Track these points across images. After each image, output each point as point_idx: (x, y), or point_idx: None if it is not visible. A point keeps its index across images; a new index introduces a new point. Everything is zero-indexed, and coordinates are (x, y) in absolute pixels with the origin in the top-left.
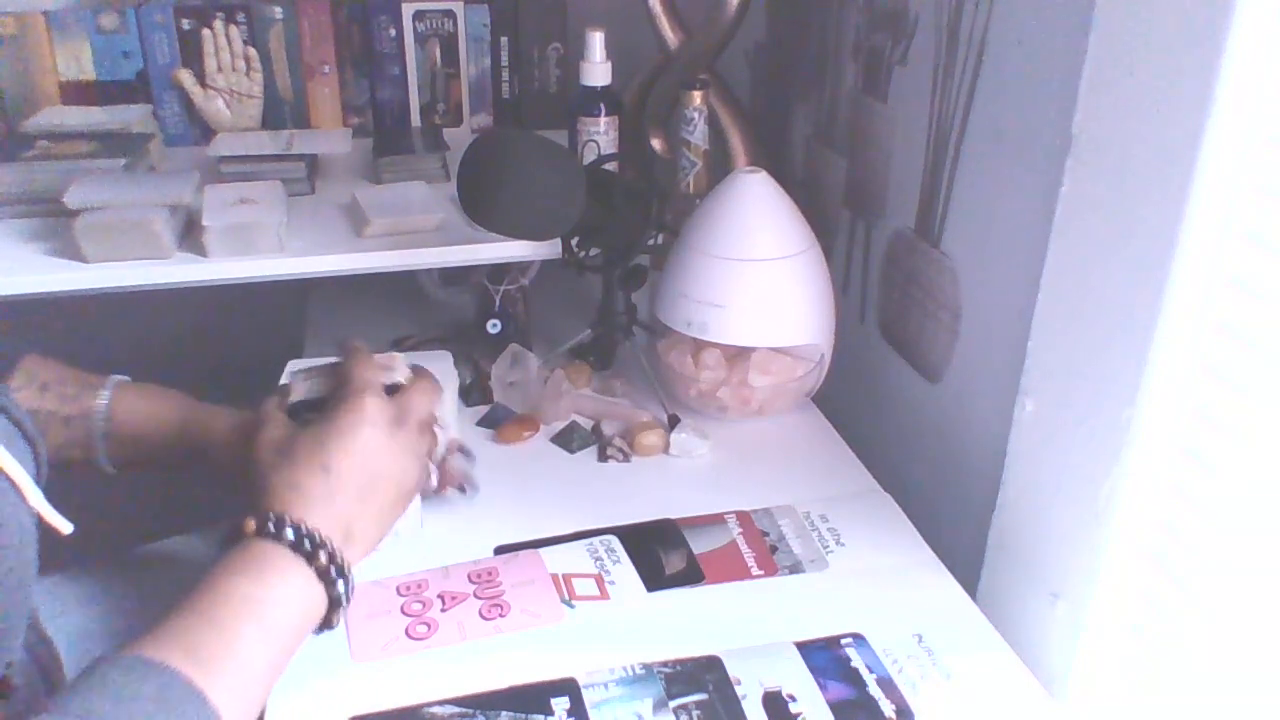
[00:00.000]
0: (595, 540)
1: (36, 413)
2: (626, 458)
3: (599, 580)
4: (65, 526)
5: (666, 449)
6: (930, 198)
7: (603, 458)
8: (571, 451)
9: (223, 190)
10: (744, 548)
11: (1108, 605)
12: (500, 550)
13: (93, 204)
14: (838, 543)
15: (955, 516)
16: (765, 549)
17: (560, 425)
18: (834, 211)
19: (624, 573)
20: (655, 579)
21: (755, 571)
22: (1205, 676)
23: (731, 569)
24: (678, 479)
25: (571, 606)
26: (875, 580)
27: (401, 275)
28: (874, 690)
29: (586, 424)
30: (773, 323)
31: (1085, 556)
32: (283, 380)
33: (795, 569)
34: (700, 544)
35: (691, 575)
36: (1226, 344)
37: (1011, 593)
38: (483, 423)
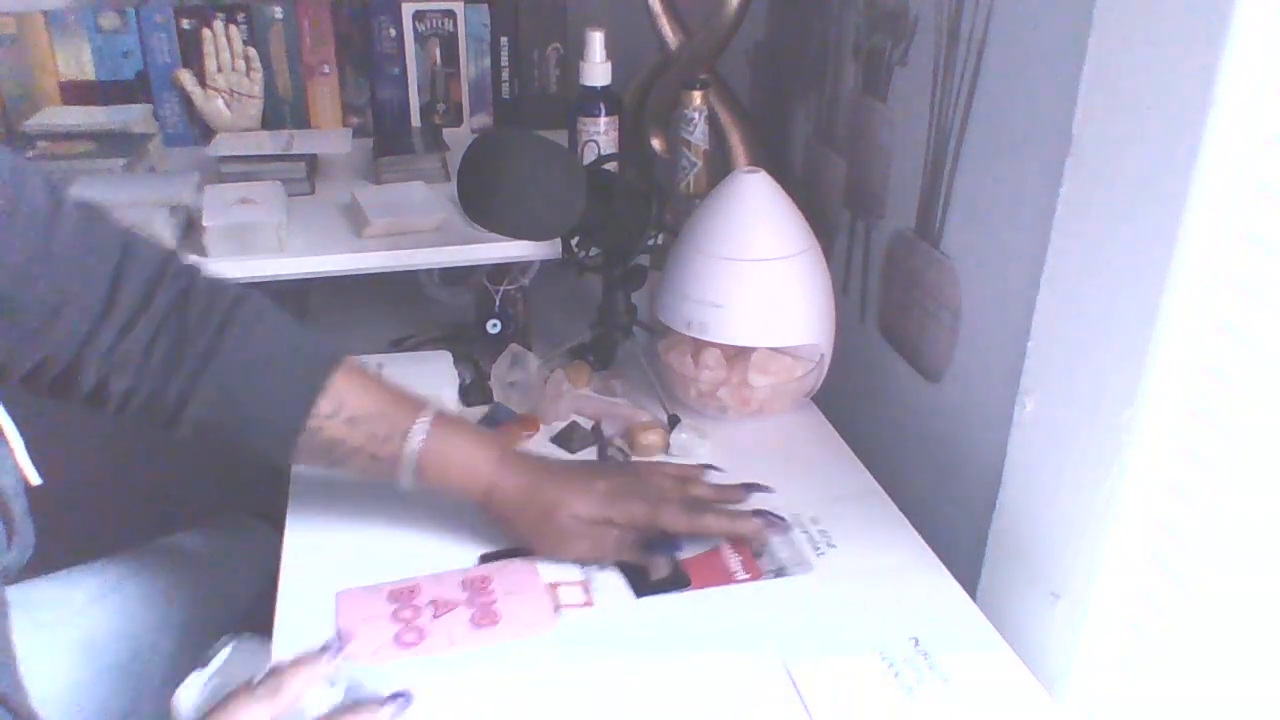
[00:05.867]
0: None
1: (340, 443)
2: (626, 458)
3: (584, 587)
4: (34, 478)
5: (666, 449)
6: (930, 198)
7: (602, 458)
8: (571, 451)
9: (223, 190)
10: (729, 552)
11: (1108, 605)
12: (486, 558)
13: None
14: (829, 544)
15: (955, 516)
16: (750, 553)
17: (560, 425)
18: (834, 211)
19: (610, 579)
20: (642, 585)
21: (740, 576)
22: (1205, 676)
23: (717, 573)
24: None
25: (557, 615)
26: (874, 581)
27: (401, 275)
28: None
29: (586, 424)
30: (773, 323)
31: (1085, 556)
32: None
33: (781, 572)
34: (685, 548)
35: (678, 580)
36: (1226, 344)
37: (1011, 593)
38: (483, 423)
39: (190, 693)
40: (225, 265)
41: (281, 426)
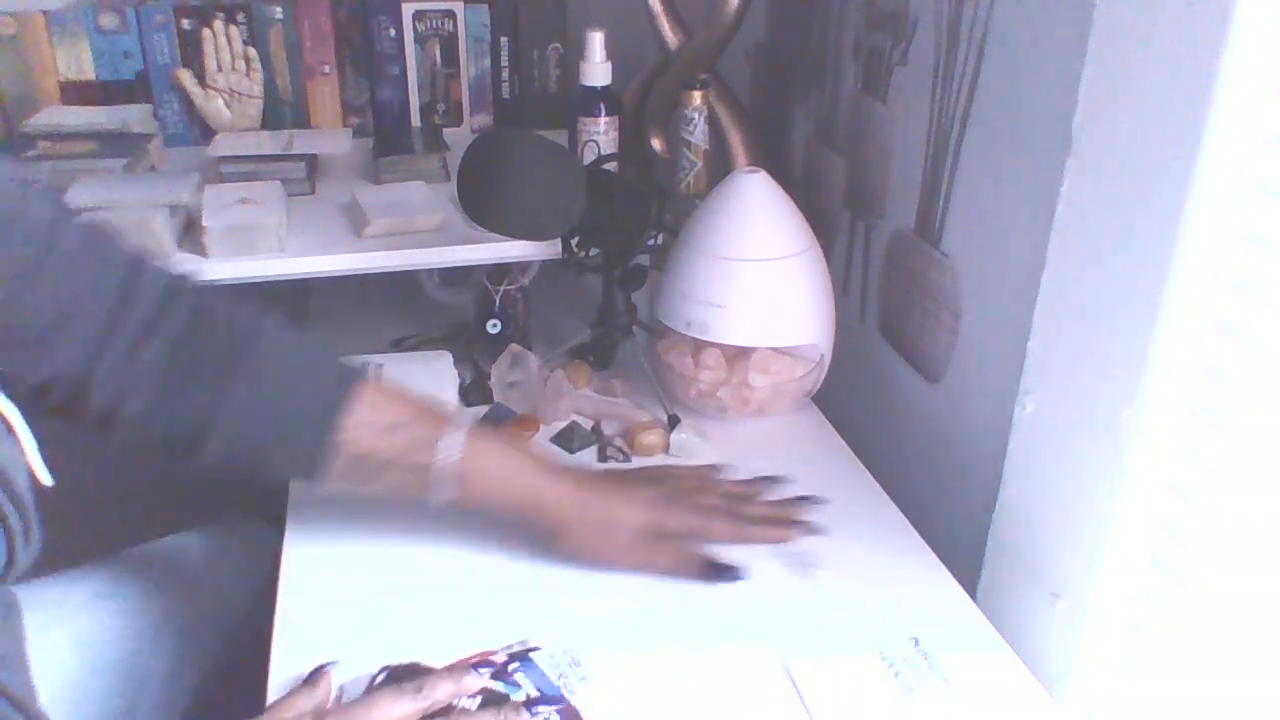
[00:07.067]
0: None
1: (373, 456)
2: (626, 458)
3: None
4: (46, 478)
5: (666, 449)
6: (930, 198)
7: (603, 458)
8: (571, 451)
9: (223, 190)
10: None
11: (1108, 605)
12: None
13: (93, 204)
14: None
15: (955, 516)
16: None
17: (560, 425)
18: (834, 211)
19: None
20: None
21: None
22: (1205, 676)
23: None
24: None
25: None
26: (874, 581)
27: (401, 275)
28: None
29: (586, 424)
30: (773, 323)
31: (1085, 556)
32: None
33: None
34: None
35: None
36: (1226, 344)
37: (1011, 593)
38: (483, 423)
39: None
40: (225, 265)
41: (309, 441)
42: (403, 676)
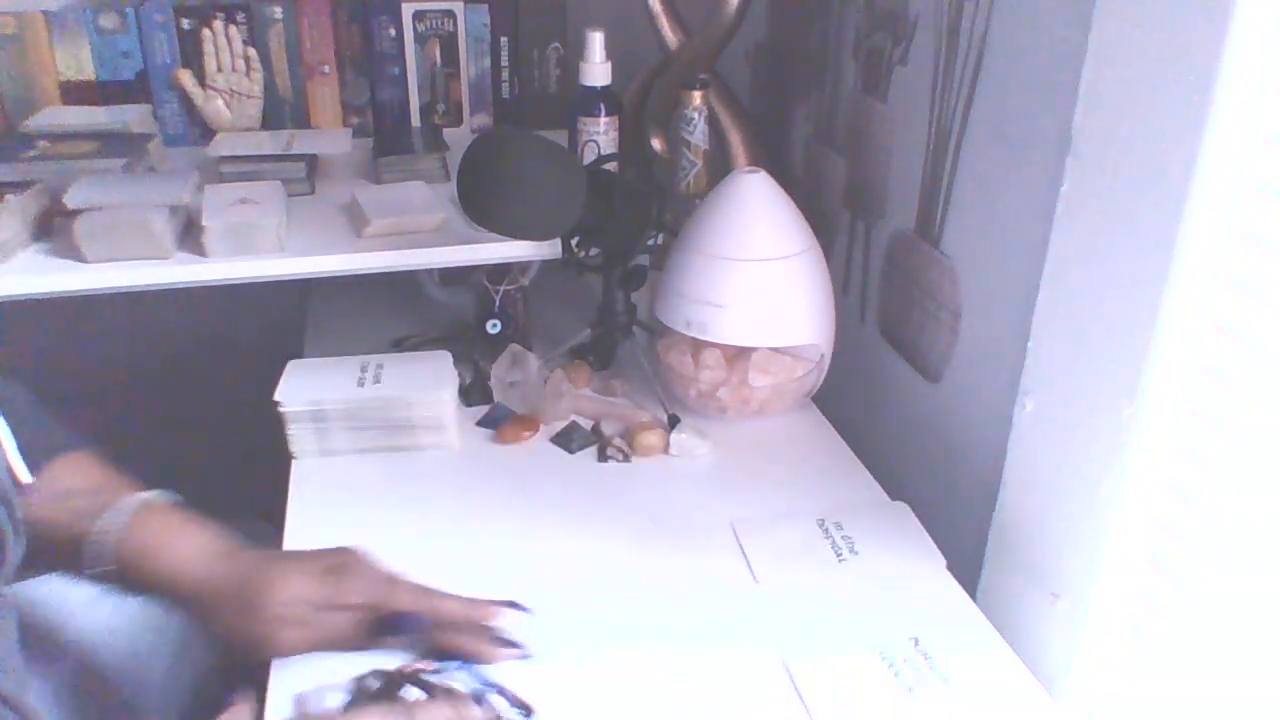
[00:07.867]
0: None
1: (43, 523)
2: (626, 458)
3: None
4: (25, 475)
5: (666, 449)
6: (930, 198)
7: (603, 458)
8: (571, 451)
9: (223, 190)
10: None
11: (1108, 605)
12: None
13: (93, 204)
14: (851, 551)
15: (955, 516)
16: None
17: (560, 425)
18: (834, 211)
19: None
20: None
21: None
22: (1205, 676)
23: None
24: (678, 479)
25: None
26: (873, 582)
27: (401, 275)
28: None
29: (586, 424)
30: (773, 323)
31: (1085, 556)
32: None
33: None
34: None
35: None
36: (1226, 344)
37: (1011, 593)
38: (483, 423)
39: None
40: (225, 265)
41: None
42: (378, 695)
